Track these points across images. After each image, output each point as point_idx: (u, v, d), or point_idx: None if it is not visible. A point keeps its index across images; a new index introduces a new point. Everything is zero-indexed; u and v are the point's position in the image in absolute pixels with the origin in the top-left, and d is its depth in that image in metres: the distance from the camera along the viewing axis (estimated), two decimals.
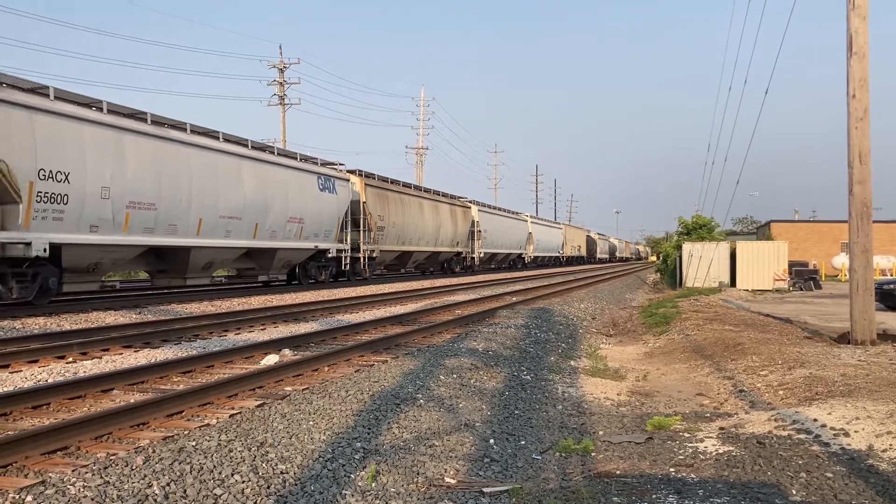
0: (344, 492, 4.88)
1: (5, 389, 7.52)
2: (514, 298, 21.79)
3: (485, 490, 5.18)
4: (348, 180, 27.85)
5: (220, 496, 4.50)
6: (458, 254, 41.36)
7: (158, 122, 18.02)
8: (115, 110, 16.76)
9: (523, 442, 6.88)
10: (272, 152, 23.27)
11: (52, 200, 14.59)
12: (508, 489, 5.21)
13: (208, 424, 5.95)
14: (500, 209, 51.94)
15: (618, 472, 5.73)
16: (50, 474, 4.56)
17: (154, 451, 5.04)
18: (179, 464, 4.84)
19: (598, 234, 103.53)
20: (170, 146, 17.97)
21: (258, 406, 6.66)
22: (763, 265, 30.75)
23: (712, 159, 41.66)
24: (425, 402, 7.39)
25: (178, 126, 18.78)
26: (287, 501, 4.59)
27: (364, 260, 28.88)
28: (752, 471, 5.63)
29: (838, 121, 12.22)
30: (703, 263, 31.78)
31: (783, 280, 30.58)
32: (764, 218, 67.70)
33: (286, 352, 10.06)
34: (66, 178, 14.87)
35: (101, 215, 15.84)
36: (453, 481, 5.36)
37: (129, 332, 11.94)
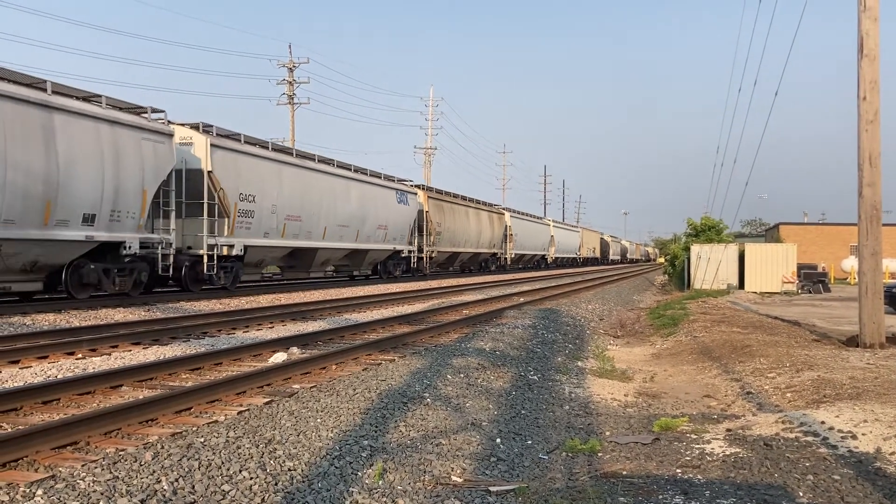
0: (351, 489, 4.90)
1: (16, 385, 7.58)
2: (522, 299, 21.79)
3: (491, 489, 5.19)
4: (416, 193, 34.09)
5: (228, 492, 4.52)
6: (494, 254, 47.20)
7: (300, 154, 24.64)
8: (276, 148, 23.43)
9: (530, 441, 6.89)
10: (365, 173, 29.31)
11: (245, 215, 20.61)
12: (515, 488, 5.23)
13: (217, 421, 5.98)
14: (528, 215, 57.16)
15: (624, 473, 5.73)
16: (60, 469, 4.60)
17: (163, 447, 5.07)
18: (188, 460, 4.87)
19: (611, 236, 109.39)
20: (306, 173, 24.17)
21: (266, 403, 6.69)
22: (771, 267, 30.64)
23: (721, 161, 41.54)
24: (432, 401, 7.41)
25: (309, 157, 25.24)
26: (295, 498, 4.61)
27: (426, 259, 35.08)
28: (759, 472, 5.62)
29: (848, 123, 12.16)
30: (711, 265, 31.70)
31: (792, 283, 30.46)
32: (773, 220, 67.48)
33: (294, 350, 10.09)
34: (253, 199, 20.90)
35: (271, 225, 21.88)
36: (460, 480, 5.38)
37: (137, 329, 12.01)
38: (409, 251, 33.13)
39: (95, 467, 4.59)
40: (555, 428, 7.62)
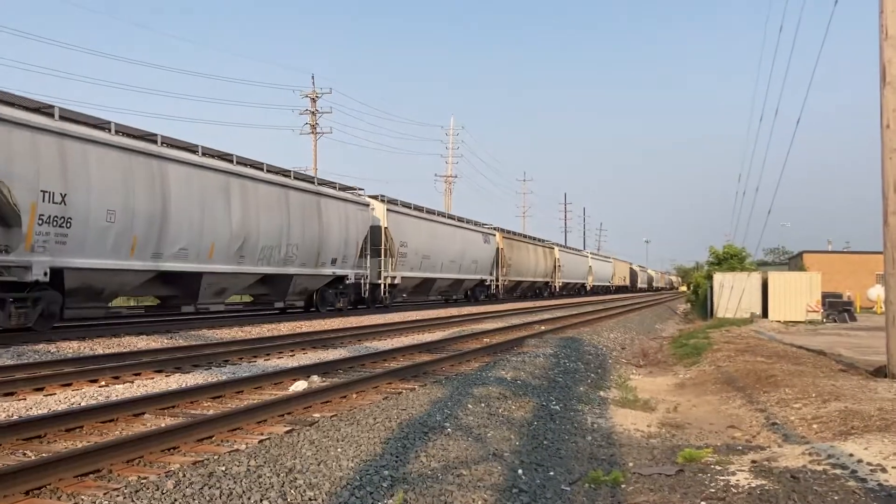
0: None
1: (40, 412, 7.64)
2: (543, 327, 21.68)
3: None
4: (494, 235, 43.39)
5: None
6: (546, 283, 55.80)
7: (428, 211, 33.99)
8: (416, 207, 32.64)
9: (552, 472, 6.82)
10: (463, 220, 39.09)
11: (402, 256, 29.97)
12: None
13: (238, 450, 5.99)
14: (571, 248, 67.76)
15: None
16: (82, 497, 4.62)
17: (184, 476, 5.08)
18: (209, 488, 4.87)
19: (639, 266, 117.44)
20: (433, 224, 33.95)
21: (287, 432, 6.69)
22: (796, 296, 30.25)
23: (743, 189, 41.37)
24: (453, 430, 7.37)
25: (432, 212, 34.62)
26: None
27: (501, 287, 44.07)
28: None
29: (872, 151, 12.04)
30: (734, 294, 31.40)
31: (816, 311, 30.05)
32: (796, 248, 66.79)
33: (315, 378, 10.10)
34: (406, 245, 30.43)
35: (414, 263, 31.35)
36: None
37: (160, 356, 12.08)
38: (490, 280, 42.71)
39: (118, 495, 4.61)
40: (577, 459, 7.54)
